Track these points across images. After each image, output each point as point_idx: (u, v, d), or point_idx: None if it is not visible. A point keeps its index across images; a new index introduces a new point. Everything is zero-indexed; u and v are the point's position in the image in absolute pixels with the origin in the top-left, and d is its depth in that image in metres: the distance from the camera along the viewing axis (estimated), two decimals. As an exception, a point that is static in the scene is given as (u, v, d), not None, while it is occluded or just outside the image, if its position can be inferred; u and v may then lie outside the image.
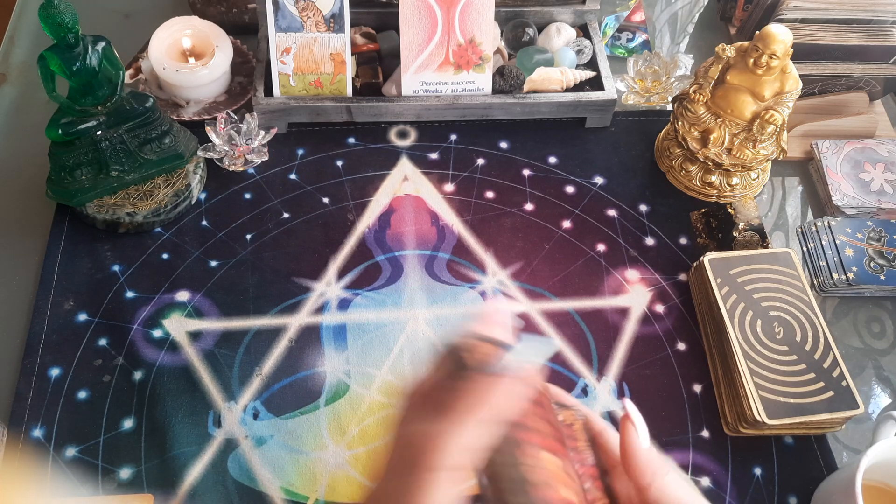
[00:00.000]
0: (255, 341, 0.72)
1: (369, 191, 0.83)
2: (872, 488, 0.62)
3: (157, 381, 0.69)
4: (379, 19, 0.92)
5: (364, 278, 0.77)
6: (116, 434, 0.66)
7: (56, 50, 0.70)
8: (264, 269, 0.77)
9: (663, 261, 0.80)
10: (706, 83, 0.80)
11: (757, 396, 0.65)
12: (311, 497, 0.64)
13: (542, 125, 0.90)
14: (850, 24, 0.89)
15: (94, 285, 0.75)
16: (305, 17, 0.81)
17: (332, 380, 0.70)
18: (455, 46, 0.84)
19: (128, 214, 0.78)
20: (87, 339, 0.72)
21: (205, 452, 0.66)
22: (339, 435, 0.67)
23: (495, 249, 0.80)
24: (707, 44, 1.01)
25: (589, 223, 0.82)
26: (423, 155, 0.87)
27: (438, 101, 0.86)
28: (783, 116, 0.78)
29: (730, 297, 0.71)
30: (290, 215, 0.81)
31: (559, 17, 0.94)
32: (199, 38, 0.87)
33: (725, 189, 0.84)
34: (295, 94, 0.85)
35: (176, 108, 0.87)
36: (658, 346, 0.74)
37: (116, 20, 0.99)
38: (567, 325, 0.75)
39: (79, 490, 0.63)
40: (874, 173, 0.85)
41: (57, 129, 0.72)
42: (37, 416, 0.67)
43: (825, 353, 0.68)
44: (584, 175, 0.86)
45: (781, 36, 0.75)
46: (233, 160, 0.82)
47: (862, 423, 0.71)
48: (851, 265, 0.77)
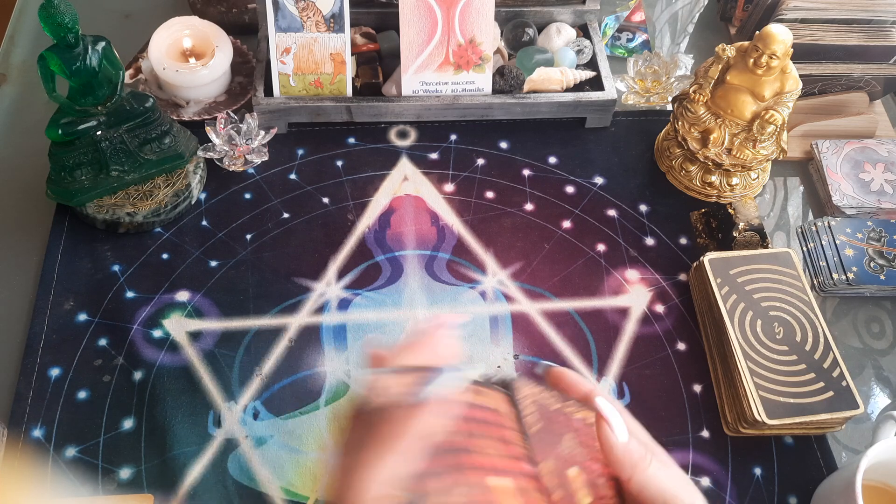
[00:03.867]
0: (255, 341, 0.72)
1: (369, 191, 0.83)
2: (872, 488, 0.62)
3: (157, 381, 0.69)
4: (379, 19, 0.92)
5: (364, 278, 0.77)
6: (116, 434, 0.66)
7: (56, 50, 0.70)
8: (264, 269, 0.77)
9: (663, 261, 0.80)
10: (706, 83, 0.80)
11: (757, 396, 0.65)
12: (311, 497, 0.64)
13: (542, 125, 0.90)
14: (850, 24, 0.89)
15: (94, 285, 0.75)
16: (305, 17, 0.81)
17: (332, 380, 0.70)
18: (455, 46, 0.84)
19: (128, 214, 0.78)
20: (87, 339, 0.72)
21: (205, 452, 0.66)
22: (340, 435, 0.67)
23: (495, 249, 0.80)
24: (707, 44, 1.01)
25: (589, 223, 0.82)
26: (423, 155, 0.87)
27: (438, 101, 0.86)
28: (783, 116, 0.78)
29: (730, 297, 0.71)
30: (290, 215, 0.81)
31: (559, 17, 0.94)
32: (199, 38, 0.87)
33: (725, 189, 0.84)
34: (295, 94, 0.85)
35: (176, 108, 0.87)
36: (658, 346, 0.74)
37: (116, 20, 0.98)
38: (567, 325, 0.75)
39: (79, 490, 0.63)
40: (874, 173, 0.85)
41: (57, 129, 0.72)
42: (37, 416, 0.67)
43: (825, 353, 0.68)
44: (584, 175, 0.86)
45: (781, 36, 0.75)
46: (233, 160, 0.82)
47: (862, 423, 0.71)
48: (851, 265, 0.77)
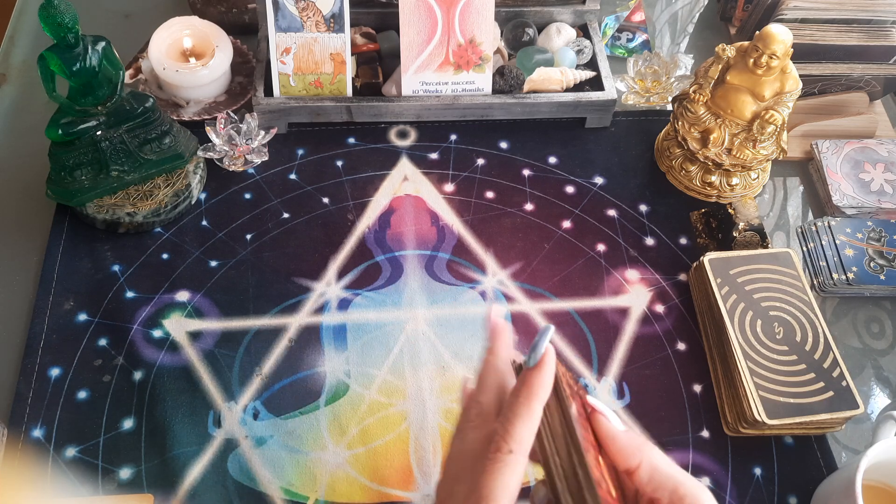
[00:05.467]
0: (255, 341, 0.72)
1: (369, 191, 0.83)
2: (872, 488, 0.62)
3: (157, 381, 0.69)
4: (379, 19, 0.92)
5: (364, 278, 0.77)
6: (116, 434, 0.66)
7: (56, 50, 0.70)
8: (264, 269, 0.77)
9: (663, 261, 0.80)
10: (706, 83, 0.80)
11: (757, 396, 0.65)
12: (311, 497, 0.64)
13: (542, 125, 0.90)
14: (850, 24, 0.89)
15: (94, 285, 0.75)
16: (305, 17, 0.81)
17: (332, 380, 0.70)
18: (455, 46, 0.84)
19: (128, 214, 0.78)
20: (87, 339, 0.72)
21: (205, 452, 0.66)
22: (339, 435, 0.67)
23: (495, 249, 0.80)
24: (707, 44, 1.01)
25: (589, 223, 0.82)
26: (423, 155, 0.87)
27: (438, 101, 0.86)
28: (783, 116, 0.78)
29: (730, 297, 0.71)
30: (290, 215, 0.81)
31: (559, 17, 0.94)
32: (199, 38, 0.87)
33: (725, 189, 0.84)
34: (295, 94, 0.85)
35: (176, 108, 0.87)
36: (658, 346, 0.74)
37: (116, 20, 0.99)
38: (567, 325, 0.75)
39: (79, 490, 0.63)
40: (874, 173, 0.85)
41: (57, 129, 0.72)
42: (37, 416, 0.67)
43: (825, 353, 0.68)
44: (584, 175, 0.86)
45: (781, 36, 0.75)
46: (233, 160, 0.82)
47: (862, 423, 0.71)
48: (851, 265, 0.77)
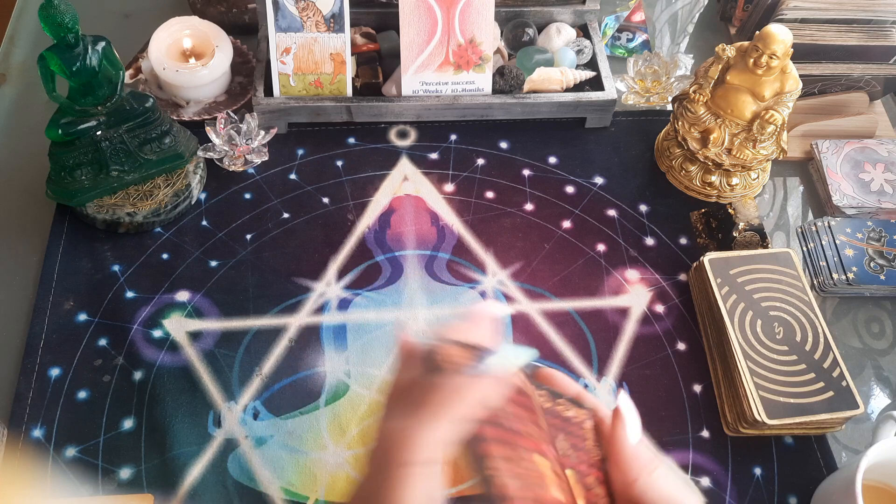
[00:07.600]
0: (255, 341, 0.72)
1: (369, 191, 0.83)
2: (872, 488, 0.62)
3: (157, 381, 0.69)
4: (379, 19, 0.92)
5: (364, 278, 0.77)
6: (116, 434, 0.66)
7: (56, 50, 0.70)
8: (264, 269, 0.77)
9: (663, 261, 0.80)
10: (706, 83, 0.80)
11: (757, 396, 0.65)
12: (311, 497, 0.64)
13: (542, 125, 0.90)
14: (850, 24, 0.89)
15: (94, 285, 0.75)
16: (305, 17, 0.81)
17: (332, 380, 0.70)
18: (455, 46, 0.84)
19: (128, 214, 0.78)
20: (87, 339, 0.72)
21: (205, 452, 0.66)
22: (339, 435, 0.67)
23: (495, 249, 0.80)
24: (707, 44, 1.01)
25: (589, 223, 0.82)
26: (423, 155, 0.87)
27: (438, 101, 0.86)
28: (783, 116, 0.78)
29: (730, 297, 0.71)
30: (290, 215, 0.81)
31: (559, 17, 0.94)
32: (199, 38, 0.87)
33: (725, 189, 0.84)
34: (295, 94, 0.85)
35: (176, 108, 0.87)
36: (658, 346, 0.74)
37: (116, 20, 0.98)
38: (567, 325, 0.75)
39: (79, 490, 0.63)
40: (874, 173, 0.85)
41: (57, 129, 0.72)
42: (37, 416, 0.67)
43: (825, 353, 0.68)
44: (584, 175, 0.86)
45: (781, 36, 0.75)
46: (233, 160, 0.82)
47: (862, 423, 0.71)
48: (851, 265, 0.77)
